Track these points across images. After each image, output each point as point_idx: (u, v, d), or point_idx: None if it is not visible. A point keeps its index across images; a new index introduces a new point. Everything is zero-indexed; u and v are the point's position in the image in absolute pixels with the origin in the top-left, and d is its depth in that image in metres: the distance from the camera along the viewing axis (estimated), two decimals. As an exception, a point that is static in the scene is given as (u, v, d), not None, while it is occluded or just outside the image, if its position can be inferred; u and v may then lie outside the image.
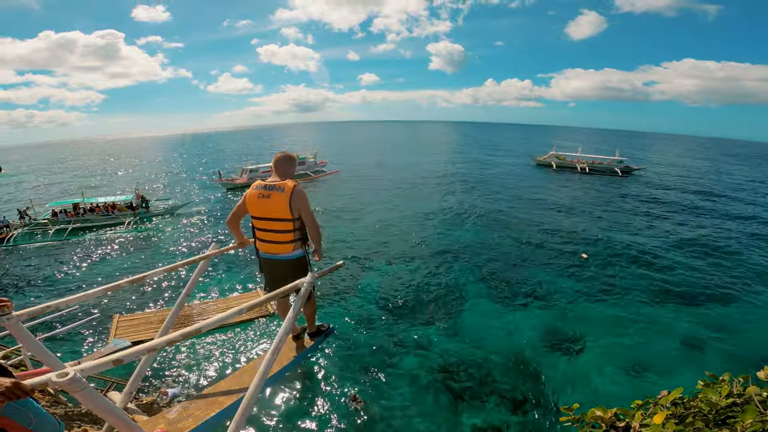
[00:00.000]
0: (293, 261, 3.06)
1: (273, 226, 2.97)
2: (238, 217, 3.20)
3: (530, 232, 20.17)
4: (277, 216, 2.93)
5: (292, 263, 3.06)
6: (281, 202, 2.89)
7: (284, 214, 2.91)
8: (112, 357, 1.60)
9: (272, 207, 2.91)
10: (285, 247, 3.01)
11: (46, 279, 15.91)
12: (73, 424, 2.59)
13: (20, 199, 33.39)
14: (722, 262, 16.40)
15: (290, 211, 2.89)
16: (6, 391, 1.27)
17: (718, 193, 31.45)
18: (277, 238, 3.00)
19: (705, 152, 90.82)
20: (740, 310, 12.59)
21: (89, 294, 2.65)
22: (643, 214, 24.00)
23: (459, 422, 7.98)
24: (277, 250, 3.04)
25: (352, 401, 8.29)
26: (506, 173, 42.06)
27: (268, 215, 2.94)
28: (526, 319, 11.86)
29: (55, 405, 2.90)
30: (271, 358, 2.30)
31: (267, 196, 2.92)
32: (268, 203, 2.92)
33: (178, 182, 43.04)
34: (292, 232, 2.97)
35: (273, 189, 2.92)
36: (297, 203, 2.90)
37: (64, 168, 68.57)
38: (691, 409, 1.45)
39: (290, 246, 3.01)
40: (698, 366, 9.59)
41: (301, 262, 3.09)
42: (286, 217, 2.92)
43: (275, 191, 2.91)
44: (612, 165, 40.44)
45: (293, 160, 3.16)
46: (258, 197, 2.95)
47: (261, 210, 2.95)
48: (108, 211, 25.02)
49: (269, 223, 2.97)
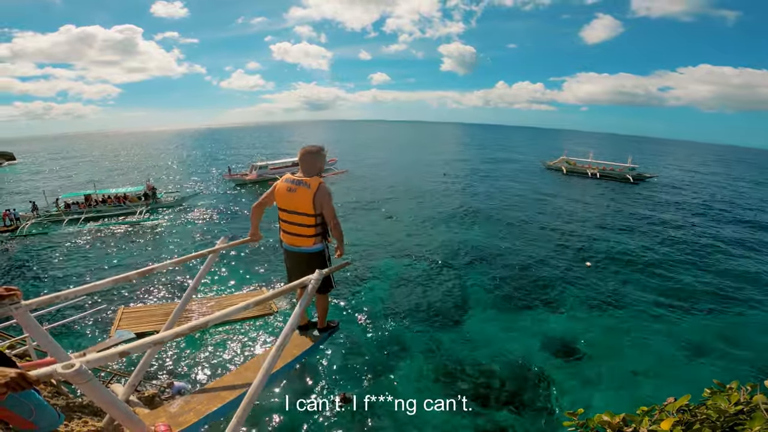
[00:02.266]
0: (313, 254, 3.16)
1: (297, 220, 3.07)
2: (263, 205, 3.31)
3: (537, 238, 20.02)
4: (302, 210, 3.03)
5: (312, 256, 3.16)
6: (306, 198, 2.99)
7: (308, 209, 3.01)
8: (119, 349, 1.58)
9: (297, 201, 3.02)
10: (307, 240, 3.12)
11: (55, 269, 16.18)
12: (73, 415, 2.59)
13: (33, 189, 33.94)
14: (729, 272, 16.15)
15: (314, 206, 3.00)
16: (10, 382, 1.25)
17: (729, 204, 30.84)
18: (300, 231, 3.10)
19: (719, 160, 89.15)
20: (745, 320, 12.47)
21: (98, 285, 2.66)
22: (651, 223, 23.64)
23: (459, 425, 7.93)
24: (300, 242, 3.14)
25: (341, 401, 8.24)
26: (515, 177, 41.73)
27: (294, 209, 3.06)
28: (529, 323, 11.80)
29: (56, 396, 2.91)
30: (276, 354, 2.29)
31: (294, 190, 3.04)
32: (294, 197, 3.03)
33: (188, 176, 43.50)
34: (314, 226, 3.07)
35: (300, 184, 3.03)
36: (320, 200, 2.99)
37: (79, 160, 69.69)
38: (698, 417, 1.43)
39: (312, 240, 3.11)
40: (703, 375, 9.47)
41: (320, 255, 3.19)
42: (309, 212, 3.02)
43: (301, 186, 3.01)
44: (624, 172, 39.84)
45: (318, 154, 3.17)
46: (286, 190, 3.07)
47: (287, 203, 3.07)
48: (119, 201, 25.42)
49: (294, 216, 3.08)
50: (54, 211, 23.87)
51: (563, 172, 43.32)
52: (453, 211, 25.20)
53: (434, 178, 39.06)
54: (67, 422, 2.41)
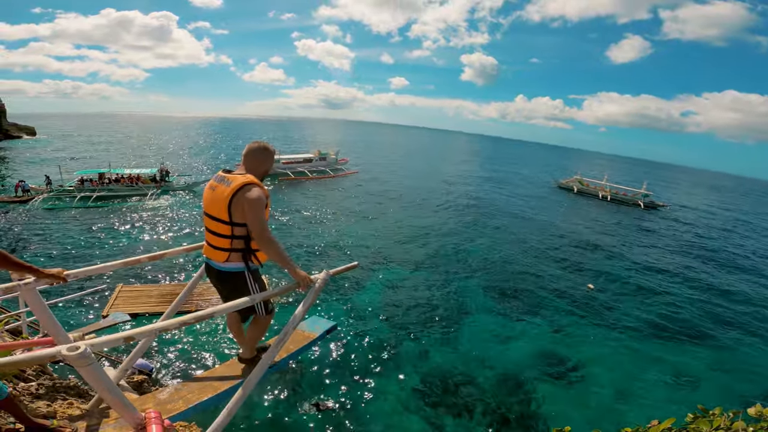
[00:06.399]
0: (223, 273, 2.50)
1: (212, 226, 2.43)
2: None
3: (540, 254, 19.86)
4: (216, 214, 2.39)
5: (222, 275, 2.51)
6: (222, 199, 2.34)
7: (221, 214, 2.35)
8: (124, 334, 1.60)
9: (215, 203, 2.39)
10: (218, 253, 2.45)
11: (62, 245, 16.36)
12: (58, 396, 2.62)
13: (50, 163, 34.55)
14: (728, 304, 16.05)
15: (228, 211, 2.33)
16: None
17: (738, 246, 30.17)
18: (212, 241, 2.46)
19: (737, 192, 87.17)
20: (738, 351, 12.56)
21: (108, 266, 2.70)
22: (656, 249, 23.33)
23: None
24: (211, 255, 2.49)
25: (317, 408, 8.10)
26: (525, 192, 41.47)
27: (211, 212, 2.42)
28: (524, 339, 11.76)
29: (40, 375, 2.92)
30: (275, 349, 2.33)
31: (214, 189, 2.42)
32: (213, 197, 2.40)
33: (203, 162, 44.05)
34: (228, 238, 2.39)
35: (222, 181, 2.40)
36: (240, 204, 2.30)
37: (100, 139, 70.85)
38: (679, 439, 1.48)
39: (224, 255, 2.43)
40: (689, 401, 9.49)
41: (235, 277, 2.49)
42: (223, 217, 2.35)
43: (222, 185, 2.38)
44: (636, 197, 39.33)
45: (268, 153, 2.55)
46: (209, 188, 2.47)
47: (206, 204, 2.46)
48: (132, 182, 25.77)
49: (210, 221, 2.43)
50: (68, 185, 24.32)
51: (574, 192, 42.94)
52: (456, 222, 25.12)
53: (442, 186, 39.01)
54: (52, 402, 2.44)
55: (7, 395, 1.81)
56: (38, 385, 2.60)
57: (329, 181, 36.58)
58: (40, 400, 2.45)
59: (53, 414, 2.26)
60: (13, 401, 1.88)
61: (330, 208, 25.65)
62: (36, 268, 2.12)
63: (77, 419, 2.23)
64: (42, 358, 1.41)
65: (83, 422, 2.20)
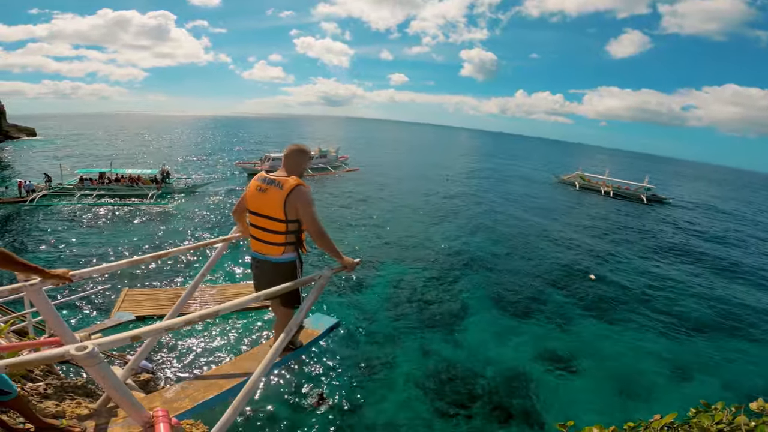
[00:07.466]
0: (280, 264, 2.75)
1: (265, 224, 2.68)
2: (240, 212, 2.99)
3: (540, 249, 19.89)
4: (270, 214, 2.63)
5: (278, 267, 2.76)
6: (276, 200, 2.58)
7: (277, 213, 2.60)
8: (131, 333, 1.60)
9: (267, 203, 2.63)
10: (274, 248, 2.71)
11: (64, 245, 16.41)
12: (66, 396, 2.63)
13: (50, 163, 34.59)
14: (731, 298, 16.03)
15: (284, 210, 2.58)
16: None
17: (741, 233, 30.20)
18: (267, 238, 2.71)
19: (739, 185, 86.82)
20: (742, 345, 12.55)
21: (112, 266, 2.69)
22: (659, 244, 23.31)
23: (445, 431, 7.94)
24: (267, 250, 2.75)
25: (319, 400, 8.17)
26: (526, 188, 41.41)
27: (262, 211, 2.66)
28: (526, 335, 11.78)
29: (48, 375, 2.93)
30: (279, 346, 2.33)
31: (264, 191, 2.64)
32: (263, 198, 2.64)
33: (202, 162, 44.03)
34: (284, 234, 2.66)
35: (272, 184, 2.62)
36: (294, 203, 2.57)
37: (100, 138, 70.89)
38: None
39: (280, 249, 2.70)
40: (690, 395, 9.52)
41: (289, 267, 2.78)
42: (279, 216, 2.61)
43: (273, 187, 2.61)
44: (639, 192, 39.12)
45: (305, 154, 2.83)
46: (256, 190, 2.69)
47: (256, 205, 2.69)
48: (132, 182, 25.78)
49: (262, 220, 2.69)
50: (68, 184, 24.31)
51: (576, 188, 42.80)
52: (457, 218, 25.15)
53: (442, 183, 38.99)
54: (60, 402, 2.45)
55: (17, 395, 1.83)
56: (46, 385, 2.61)
57: (330, 178, 36.58)
58: (49, 400, 2.46)
59: (62, 414, 2.27)
60: (23, 401, 1.90)
61: (330, 205, 25.69)
62: (41, 268, 2.12)
63: (86, 419, 2.25)
64: (51, 358, 1.41)
65: (92, 421, 2.21)
